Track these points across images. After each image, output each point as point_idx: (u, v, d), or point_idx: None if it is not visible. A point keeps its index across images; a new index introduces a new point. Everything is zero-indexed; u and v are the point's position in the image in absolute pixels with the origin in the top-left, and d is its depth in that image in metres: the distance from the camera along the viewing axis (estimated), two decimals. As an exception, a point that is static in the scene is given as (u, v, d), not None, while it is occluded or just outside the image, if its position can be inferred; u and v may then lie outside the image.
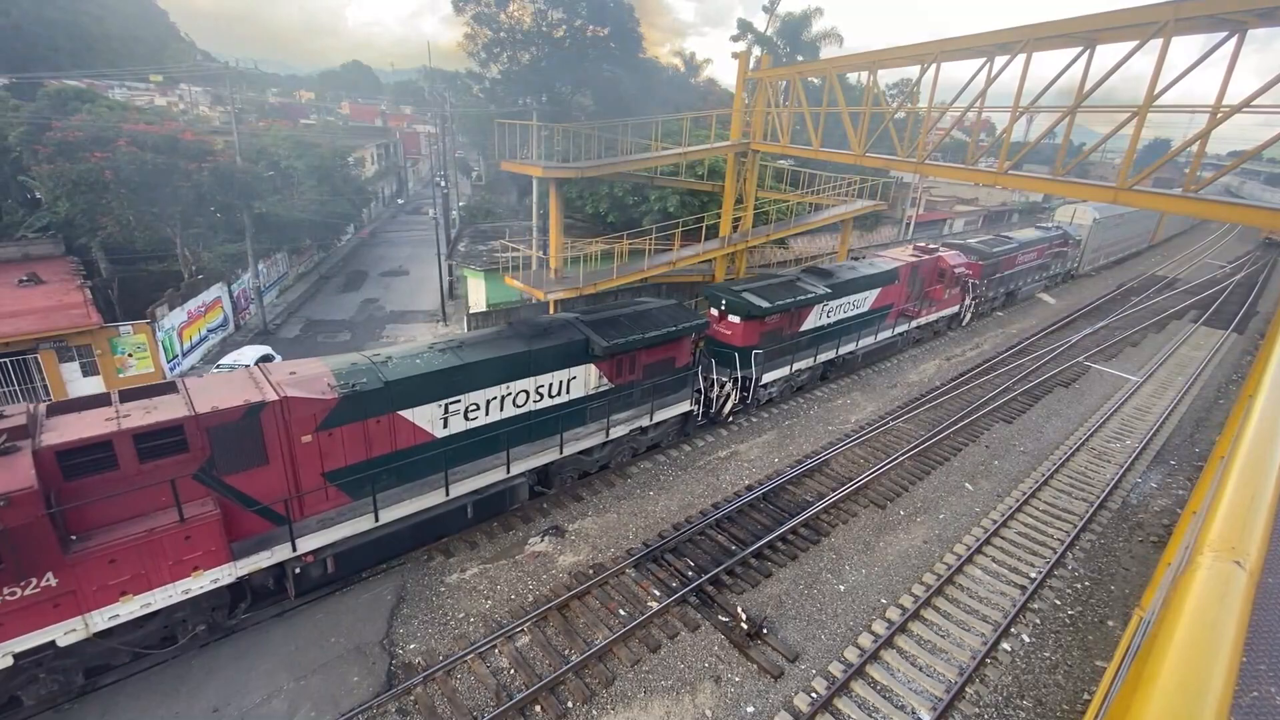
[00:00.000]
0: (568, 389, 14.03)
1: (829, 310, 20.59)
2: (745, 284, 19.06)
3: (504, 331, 13.76)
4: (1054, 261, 36.01)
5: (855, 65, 20.27)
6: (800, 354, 20.05)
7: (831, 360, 21.66)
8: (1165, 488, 17.00)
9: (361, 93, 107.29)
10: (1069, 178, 14.14)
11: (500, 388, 12.84)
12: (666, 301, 16.97)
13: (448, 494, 12.18)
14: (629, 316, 15.22)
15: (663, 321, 15.37)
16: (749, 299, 17.92)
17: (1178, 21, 11.23)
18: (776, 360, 19.39)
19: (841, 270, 21.79)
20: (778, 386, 20.16)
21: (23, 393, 17.65)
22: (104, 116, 24.03)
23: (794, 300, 18.70)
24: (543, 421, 13.77)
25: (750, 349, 18.37)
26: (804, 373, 20.88)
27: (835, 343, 21.32)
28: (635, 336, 14.43)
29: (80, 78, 47.39)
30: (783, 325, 19.13)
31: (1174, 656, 1.88)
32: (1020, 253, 31.41)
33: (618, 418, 15.17)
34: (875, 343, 23.41)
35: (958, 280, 26.37)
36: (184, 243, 23.74)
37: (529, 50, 38.26)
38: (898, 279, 23.15)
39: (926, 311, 25.79)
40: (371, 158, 54.07)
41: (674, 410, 16.51)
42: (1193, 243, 59.09)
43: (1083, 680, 10.91)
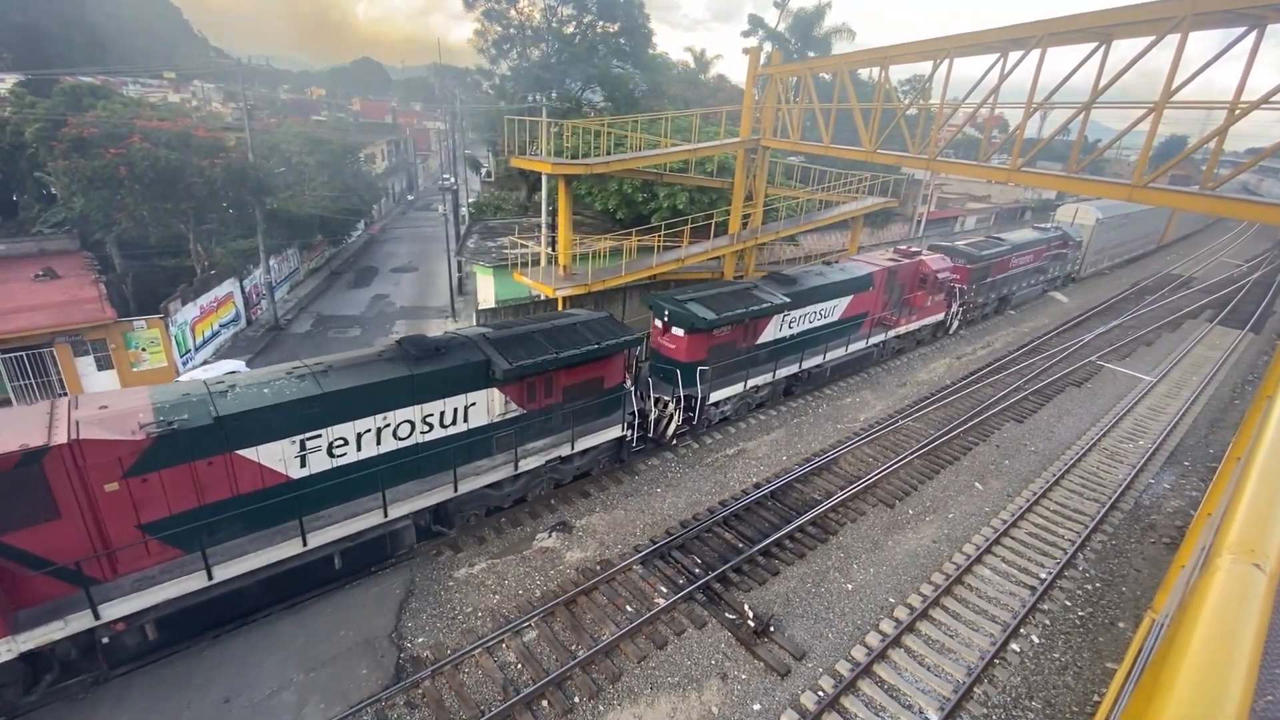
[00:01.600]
0: (465, 417, 12.44)
1: (791, 321, 18.93)
2: (692, 293, 17.47)
3: (386, 353, 12.10)
4: (1052, 264, 34.23)
5: (867, 61, 20.09)
6: (757, 369, 18.43)
7: (795, 375, 20.03)
8: (1178, 489, 16.82)
9: (372, 89, 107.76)
10: (1083, 175, 13.99)
11: (375, 419, 11.22)
12: (597, 314, 15.32)
13: (305, 544, 10.61)
14: (546, 333, 13.60)
15: (586, 338, 13.80)
16: (693, 310, 16.32)
17: (1195, 16, 11.06)
18: (728, 376, 17.75)
19: (806, 277, 20.02)
20: (731, 405, 18.42)
21: (39, 386, 17.88)
22: (118, 113, 24.22)
23: (746, 311, 17.03)
24: (434, 455, 12.15)
25: (695, 365, 16.67)
26: (762, 389, 19.18)
27: (798, 356, 19.61)
28: (547, 357, 12.80)
29: (95, 74, 47.83)
30: (735, 338, 17.55)
31: (1192, 659, 1.85)
32: (1014, 255, 29.68)
33: (531, 447, 13.68)
34: (846, 355, 21.52)
35: (941, 286, 24.55)
36: (197, 238, 23.93)
37: (539, 46, 38.26)
38: (872, 285, 21.46)
39: (906, 320, 24.01)
40: (382, 154, 54.31)
41: (602, 436, 14.84)
42: (1208, 241, 58.32)
43: (1093, 682, 10.83)
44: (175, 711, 9.38)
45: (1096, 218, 38.20)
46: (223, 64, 58.96)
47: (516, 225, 32.06)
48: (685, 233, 23.53)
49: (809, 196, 28.86)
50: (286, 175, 27.67)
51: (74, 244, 24.95)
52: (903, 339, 24.76)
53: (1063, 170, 14.57)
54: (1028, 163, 14.57)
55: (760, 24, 45.88)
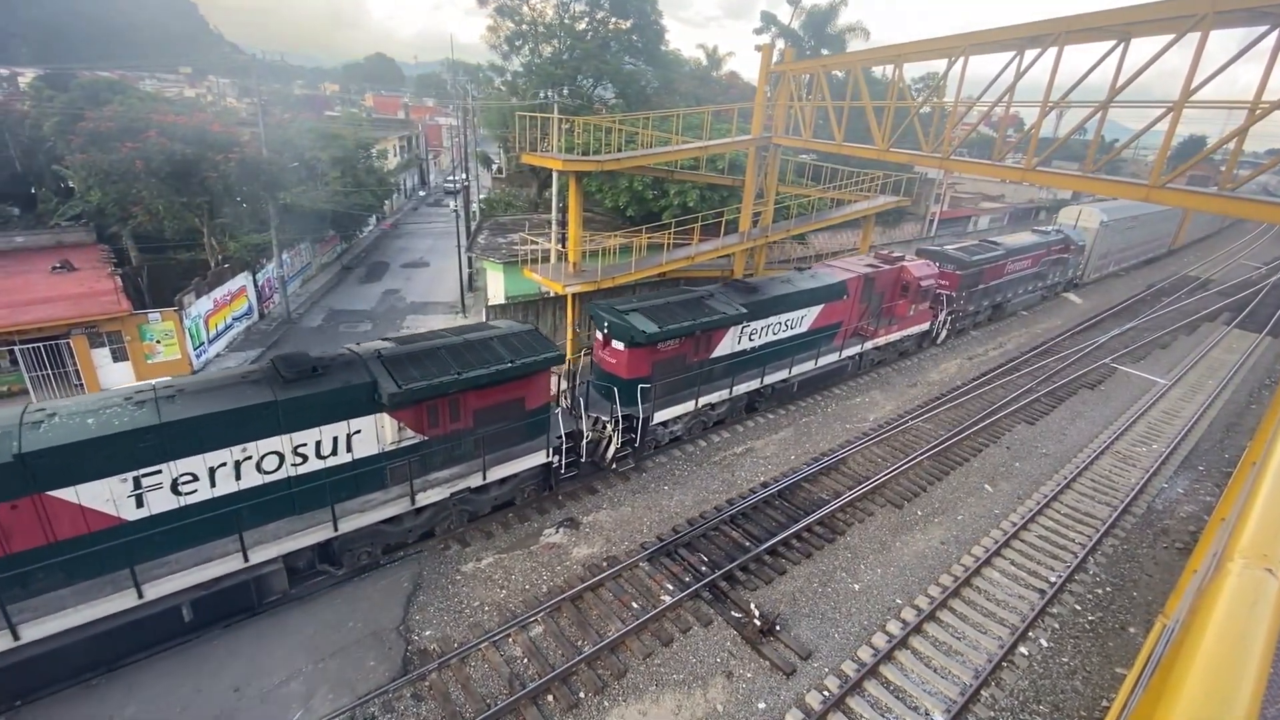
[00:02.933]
0: (349, 446, 11.02)
1: (751, 332, 17.55)
2: (637, 302, 16.00)
3: (254, 374, 10.64)
4: (1052, 270, 32.31)
5: (881, 59, 19.94)
6: (711, 385, 17.04)
7: (758, 391, 18.57)
8: (1192, 493, 16.62)
9: (385, 85, 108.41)
10: (1099, 175, 13.82)
11: (233, 450, 9.85)
12: (520, 328, 13.76)
13: (140, 595, 9.29)
14: (453, 350, 12.18)
15: (499, 356, 12.36)
16: (634, 322, 14.80)
17: (1216, 14, 10.90)
18: (677, 394, 16.38)
19: (770, 285, 18.61)
20: (682, 424, 16.98)
21: (56, 377, 18.15)
22: (135, 108, 24.49)
23: (695, 323, 15.49)
24: (311, 490, 10.78)
25: (636, 382, 15.26)
26: (719, 407, 17.76)
27: (760, 370, 18.07)
28: (445, 378, 11.39)
29: (112, 69, 48.48)
30: (685, 352, 16.18)
31: (1201, 664, 1.83)
32: (1010, 260, 27.99)
33: (434, 478, 12.27)
34: (815, 369, 19.90)
35: (925, 293, 22.93)
36: (211, 232, 24.16)
37: (551, 43, 38.29)
38: (846, 294, 19.99)
39: (886, 330, 22.42)
40: (394, 150, 54.55)
41: (523, 463, 13.41)
42: (1226, 243, 57.47)
43: (1101, 687, 10.73)
44: (186, 699, 9.51)
45: (1101, 220, 36.22)
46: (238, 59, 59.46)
47: (527, 222, 32.14)
48: (695, 230, 23.49)
49: (820, 195, 28.71)
50: (299, 170, 27.85)
51: (90, 237, 25.29)
52: (883, 350, 23.28)
53: (1079, 170, 14.41)
54: (1043, 162, 14.41)
55: (773, 21, 45.63)
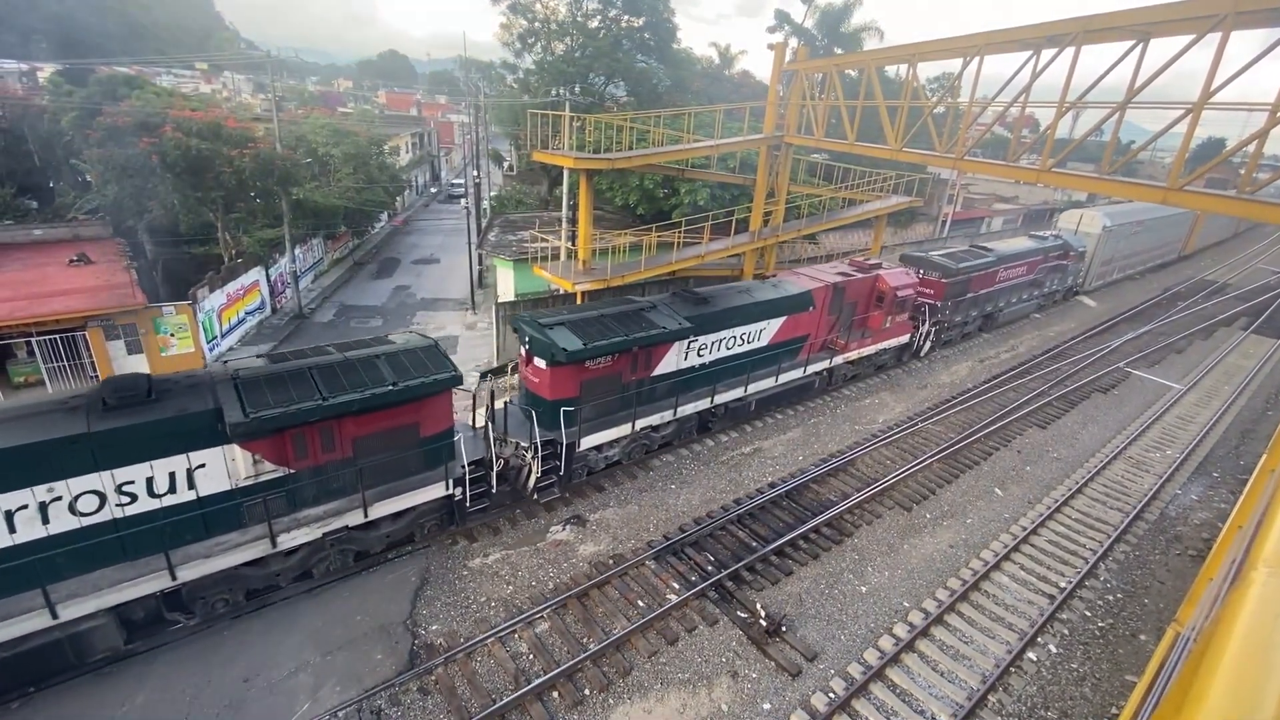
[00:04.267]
0: (190, 483, 9.60)
1: (700, 347, 16.06)
2: (566, 314, 14.48)
3: (73, 400, 9.23)
4: (1050, 277, 30.37)
5: (895, 58, 19.81)
6: (652, 406, 15.59)
7: (711, 410, 17.12)
8: (1206, 500, 16.41)
9: (398, 82, 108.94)
10: (1115, 176, 13.66)
11: (34, 491, 8.49)
12: (419, 343, 12.21)
13: None
14: (325, 370, 10.71)
15: (381, 377, 10.89)
16: (556, 338, 13.21)
17: (1238, 15, 10.76)
18: (610, 416, 14.90)
19: (724, 296, 17.06)
20: (619, 449, 15.60)
21: (72, 369, 18.36)
22: (152, 103, 24.72)
23: (629, 339, 13.89)
24: (147, 532, 9.45)
25: (559, 404, 13.72)
26: (662, 429, 16.26)
27: (710, 389, 16.61)
28: (307, 404, 9.92)
29: (129, 64, 48.95)
30: (620, 370, 14.62)
31: (1226, 672, 1.79)
32: (1002, 267, 26.21)
33: (305, 515, 10.81)
34: (776, 386, 18.26)
35: (903, 304, 21.22)
36: (225, 227, 24.37)
37: (563, 41, 38.30)
38: (812, 305, 18.44)
39: (859, 344, 20.76)
40: (406, 146, 54.80)
41: (416, 497, 11.95)
42: (1244, 247, 56.68)
43: (1111, 694, 10.63)
44: (196, 688, 9.60)
45: (1103, 225, 33.79)
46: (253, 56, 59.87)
47: (537, 219, 32.19)
48: (706, 229, 23.44)
49: (832, 194, 28.57)
50: (313, 166, 28.06)
51: (107, 230, 25.52)
52: (857, 365, 21.62)
53: (1095, 171, 14.25)
54: (1058, 163, 14.27)
55: (786, 19, 45.39)
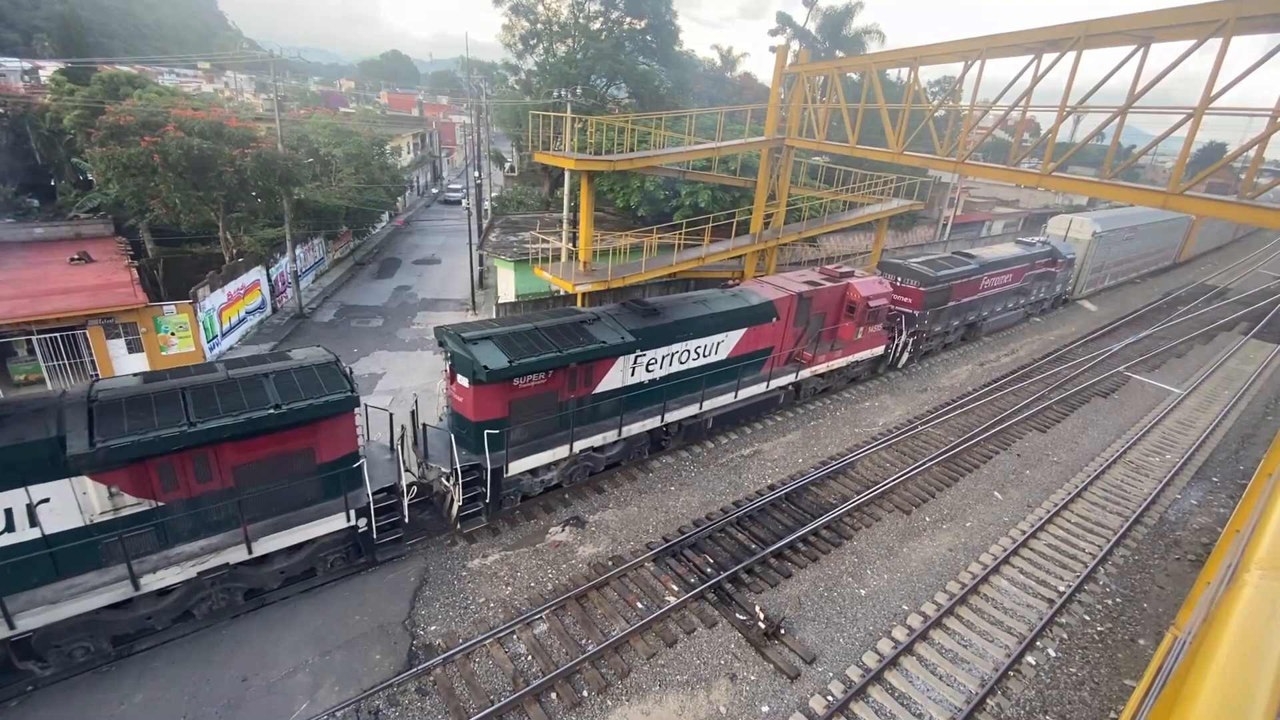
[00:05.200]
0: (32, 520, 8.65)
1: (649, 362, 15.05)
2: (496, 327, 13.26)
3: None
4: (1037, 285, 29.30)
5: (897, 61, 19.85)
6: (594, 426, 14.49)
7: (665, 429, 16.09)
8: (1206, 505, 16.41)
9: (400, 82, 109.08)
10: (1116, 181, 13.68)
11: None
12: (318, 359, 11.15)
13: None
14: (200, 390, 9.70)
15: (264, 399, 9.82)
16: (478, 354, 12.08)
17: (1239, 20, 10.77)
18: (546, 438, 13.76)
19: (677, 307, 16.03)
20: (557, 472, 14.41)
21: (72, 367, 18.38)
22: (154, 102, 24.78)
23: (562, 355, 12.77)
24: None
25: (483, 426, 12.57)
26: (607, 449, 15.17)
27: (660, 406, 15.51)
28: (169, 431, 8.85)
29: (132, 63, 49.08)
30: (556, 387, 13.56)
31: (1216, 674, 1.80)
32: (985, 275, 25.26)
33: (178, 552, 9.72)
34: (736, 402, 17.23)
35: (875, 314, 20.11)
36: (226, 226, 24.40)
37: (565, 42, 38.38)
38: (775, 316, 17.51)
39: (828, 356, 19.64)
40: (408, 147, 54.87)
41: (312, 529, 10.80)
42: (1243, 253, 56.68)
43: (1110, 698, 10.62)
44: (195, 688, 9.61)
45: (1094, 231, 32.67)
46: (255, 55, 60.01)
47: (538, 220, 32.23)
48: (707, 231, 23.47)
49: (833, 197, 28.61)
50: (314, 166, 28.08)
51: (108, 229, 25.61)
52: (827, 378, 20.61)
53: (1096, 175, 14.27)
54: (1059, 167, 14.29)
55: (789, 22, 45.49)
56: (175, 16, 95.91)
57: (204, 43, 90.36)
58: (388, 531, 11.94)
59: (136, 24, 76.74)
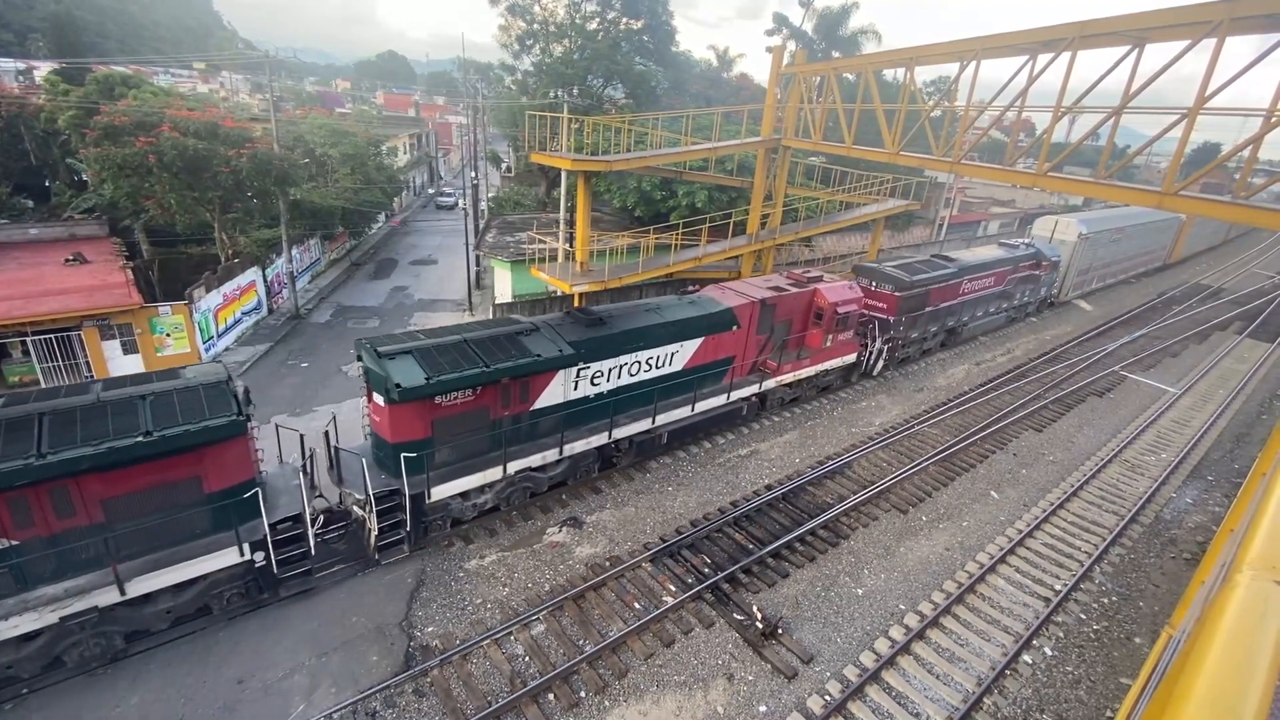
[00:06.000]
0: None
1: (594, 375, 14.04)
2: (418, 340, 12.30)
3: None
4: (1021, 288, 28.44)
5: (893, 61, 19.89)
6: (533, 445, 13.53)
7: (614, 445, 15.11)
8: (1201, 504, 16.47)
9: (396, 82, 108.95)
10: (1111, 181, 13.73)
11: None
12: (209, 377, 10.26)
13: None
14: (61, 415, 8.90)
15: (134, 424, 8.97)
16: (392, 370, 11.09)
17: (1233, 21, 10.82)
18: (477, 459, 12.69)
19: (625, 316, 15.16)
20: (493, 494, 13.37)
21: (67, 368, 18.31)
22: (149, 102, 24.71)
23: (490, 370, 11.79)
24: None
25: (400, 448, 11.53)
26: (548, 469, 14.15)
27: (607, 422, 14.53)
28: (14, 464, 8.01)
29: (127, 63, 48.92)
30: (488, 404, 12.49)
31: (1208, 674, 1.81)
32: (966, 279, 24.43)
33: (36, 596, 8.87)
34: (693, 416, 16.11)
35: (844, 321, 19.16)
36: (222, 227, 24.34)
37: (562, 42, 38.39)
38: (736, 324, 16.60)
39: (795, 365, 18.59)
40: (404, 147, 54.79)
41: (199, 566, 9.84)
42: (1237, 253, 56.93)
43: (1106, 697, 10.66)
44: (191, 690, 9.58)
45: (1080, 232, 31.99)
46: (251, 56, 59.89)
47: (535, 220, 32.22)
48: (704, 231, 23.48)
49: (829, 197, 28.67)
50: (310, 166, 28.05)
51: (103, 230, 25.53)
52: (795, 388, 19.58)
53: (1091, 176, 14.31)
54: (1055, 167, 14.33)
55: (785, 22, 45.57)
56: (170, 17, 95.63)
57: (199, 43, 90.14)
58: (293, 564, 10.92)
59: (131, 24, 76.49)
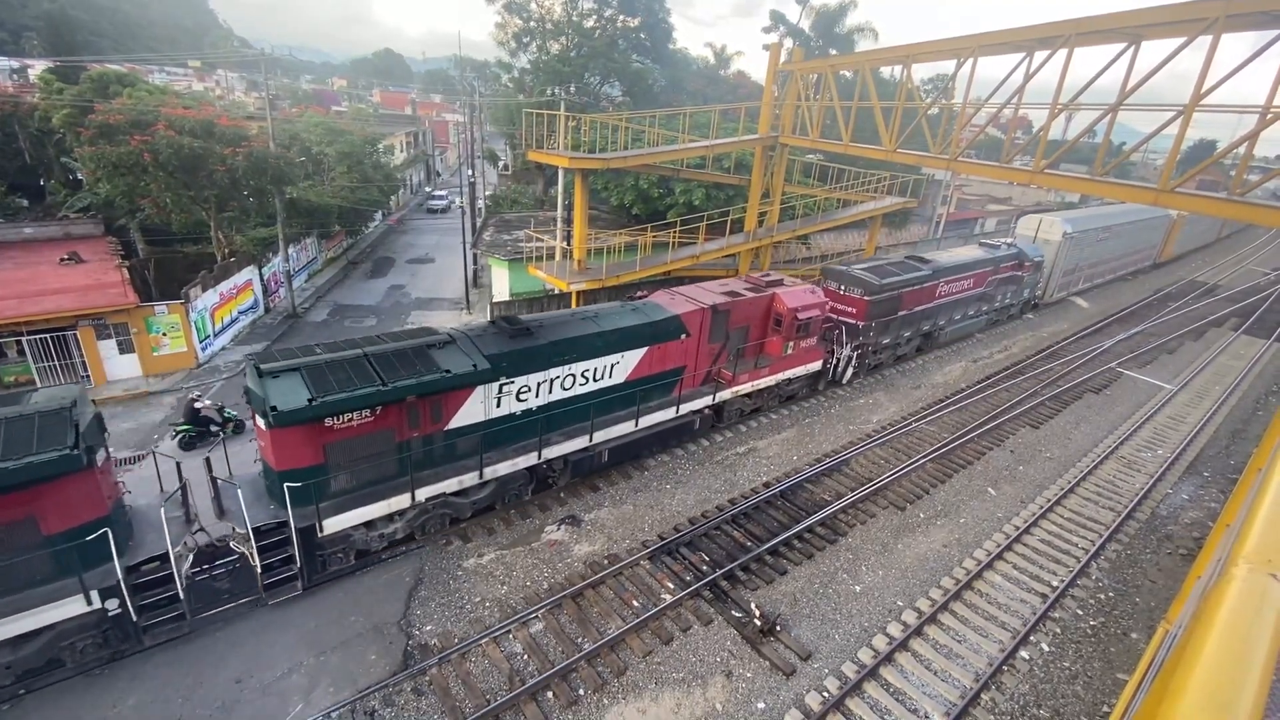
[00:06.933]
0: None
1: (519, 391, 12.87)
2: (315, 354, 11.14)
3: None
4: (1002, 290, 27.24)
5: (890, 59, 19.89)
6: (449, 468, 12.34)
7: (546, 466, 13.95)
8: (1197, 499, 16.54)
9: (393, 80, 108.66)
10: (1108, 178, 13.77)
11: None
12: (48, 403, 9.11)
13: None
14: None
15: None
16: (272, 390, 9.94)
17: (1229, 18, 10.86)
18: (384, 484, 11.60)
19: (557, 325, 13.84)
20: (404, 523, 12.16)
21: (63, 368, 18.24)
22: (144, 100, 24.62)
23: (387, 388, 10.60)
24: None
25: (284, 477, 10.29)
26: (471, 493, 12.97)
27: (536, 441, 13.30)
28: None
29: (122, 62, 48.69)
30: (393, 424, 11.33)
31: (1204, 668, 1.82)
32: (942, 281, 23.31)
33: None
34: (637, 431, 15.09)
35: (807, 327, 18.03)
36: (218, 226, 24.26)
37: (559, 40, 38.32)
38: (685, 332, 15.49)
39: (752, 374, 17.51)
40: (401, 145, 54.64)
41: (34, 618, 8.74)
42: (1232, 250, 57.11)
43: (1102, 692, 10.70)
44: (189, 689, 9.56)
45: (1064, 231, 30.89)
46: (246, 54, 59.68)
47: (532, 219, 32.18)
48: (701, 229, 23.47)
49: (827, 195, 28.67)
50: (307, 165, 27.97)
51: (98, 229, 25.44)
52: (755, 398, 18.53)
53: (1087, 173, 14.34)
54: (1051, 165, 14.36)
55: (782, 20, 45.53)
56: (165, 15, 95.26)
57: (195, 41, 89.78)
58: (157, 610, 9.68)
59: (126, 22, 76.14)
